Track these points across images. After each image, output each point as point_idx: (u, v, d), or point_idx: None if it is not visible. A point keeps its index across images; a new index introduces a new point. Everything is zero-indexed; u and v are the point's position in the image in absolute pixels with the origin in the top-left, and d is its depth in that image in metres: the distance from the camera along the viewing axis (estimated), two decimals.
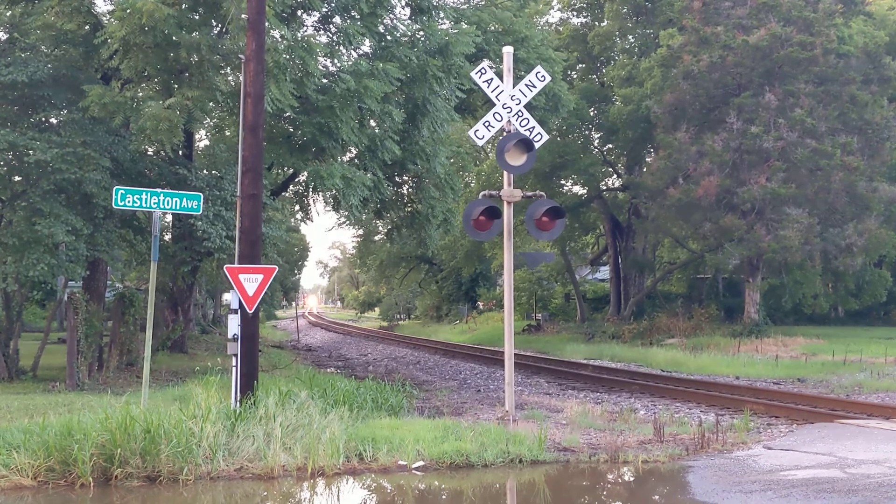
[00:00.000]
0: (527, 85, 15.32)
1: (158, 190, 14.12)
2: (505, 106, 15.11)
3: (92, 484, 10.32)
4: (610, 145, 47.70)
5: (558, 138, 43.00)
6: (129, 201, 13.66)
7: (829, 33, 34.62)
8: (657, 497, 10.71)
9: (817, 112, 34.39)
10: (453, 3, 27.97)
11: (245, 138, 14.01)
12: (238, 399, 13.01)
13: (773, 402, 18.36)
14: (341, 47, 22.29)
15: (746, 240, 34.59)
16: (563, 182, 47.45)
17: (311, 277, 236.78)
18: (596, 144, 48.04)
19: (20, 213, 19.09)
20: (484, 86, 15.31)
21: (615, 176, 50.40)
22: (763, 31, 34.53)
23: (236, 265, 13.59)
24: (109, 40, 18.34)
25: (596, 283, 61.05)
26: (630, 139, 43.73)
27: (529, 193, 15.57)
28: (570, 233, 48.51)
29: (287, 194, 30.96)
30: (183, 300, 30.75)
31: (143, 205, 13.79)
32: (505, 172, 15.18)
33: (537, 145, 15.12)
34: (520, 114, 15.20)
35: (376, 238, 63.42)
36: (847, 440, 13.08)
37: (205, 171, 23.03)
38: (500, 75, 15.70)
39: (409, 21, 24.05)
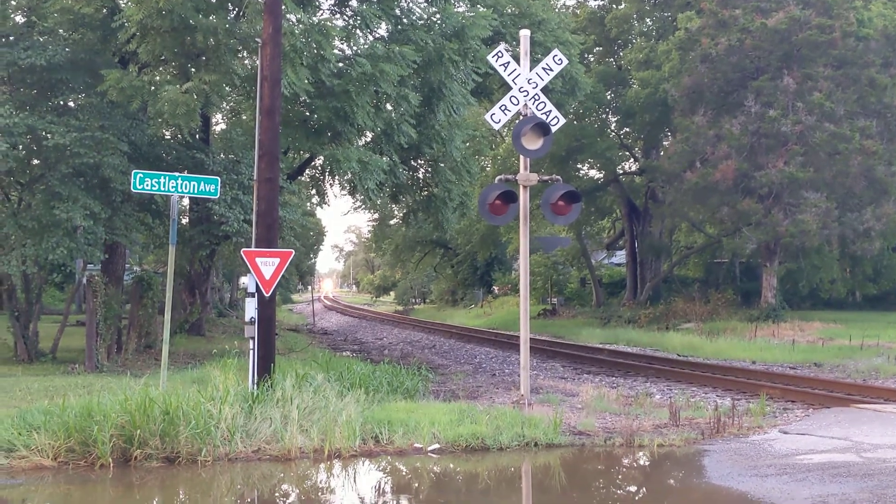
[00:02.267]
0: (543, 68, 15.26)
1: (176, 174, 14.19)
2: (521, 89, 15.07)
3: (111, 464, 10.45)
4: (627, 129, 47.55)
5: (575, 122, 42.85)
6: (147, 185, 13.75)
7: (848, 16, 34.30)
8: (673, 481, 10.73)
9: (836, 95, 34.13)
10: None
11: (262, 122, 14.02)
12: (255, 381, 13.09)
13: (790, 386, 18.33)
14: (357, 31, 22.26)
15: (764, 224, 34.42)
16: (579, 166, 47.33)
17: (326, 261, 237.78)
18: (613, 128, 47.89)
19: (39, 197, 19.21)
20: (500, 69, 15.27)
21: (632, 160, 50.28)
22: (781, 14, 34.25)
23: (253, 249, 13.63)
24: (127, 24, 18.38)
25: (612, 268, 60.93)
26: (647, 123, 43.56)
27: (545, 177, 15.57)
28: (587, 217, 48.41)
29: (303, 178, 31.02)
30: (200, 283, 30.95)
31: (162, 188, 13.87)
32: (521, 156, 15.17)
33: (554, 129, 15.08)
34: (536, 97, 15.15)
35: (392, 222, 63.51)
36: (863, 425, 13.06)
37: (222, 155, 23.14)
38: (516, 59, 15.66)
39: (426, 4, 23.98)
